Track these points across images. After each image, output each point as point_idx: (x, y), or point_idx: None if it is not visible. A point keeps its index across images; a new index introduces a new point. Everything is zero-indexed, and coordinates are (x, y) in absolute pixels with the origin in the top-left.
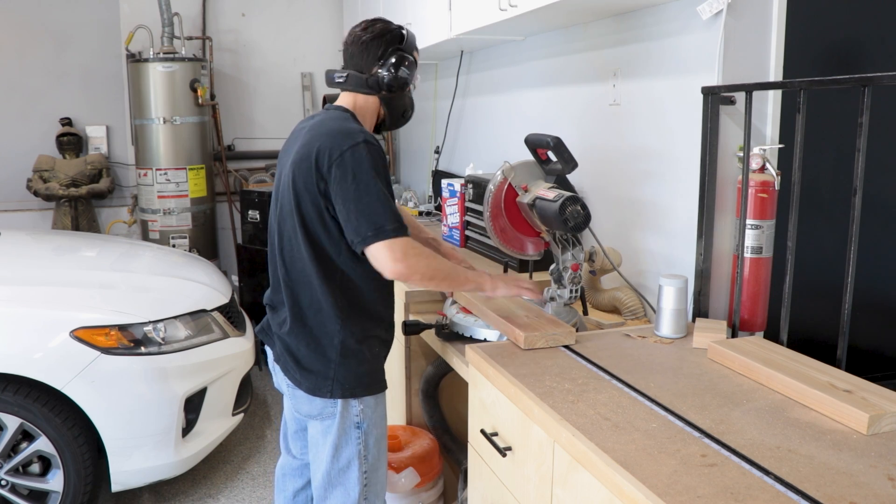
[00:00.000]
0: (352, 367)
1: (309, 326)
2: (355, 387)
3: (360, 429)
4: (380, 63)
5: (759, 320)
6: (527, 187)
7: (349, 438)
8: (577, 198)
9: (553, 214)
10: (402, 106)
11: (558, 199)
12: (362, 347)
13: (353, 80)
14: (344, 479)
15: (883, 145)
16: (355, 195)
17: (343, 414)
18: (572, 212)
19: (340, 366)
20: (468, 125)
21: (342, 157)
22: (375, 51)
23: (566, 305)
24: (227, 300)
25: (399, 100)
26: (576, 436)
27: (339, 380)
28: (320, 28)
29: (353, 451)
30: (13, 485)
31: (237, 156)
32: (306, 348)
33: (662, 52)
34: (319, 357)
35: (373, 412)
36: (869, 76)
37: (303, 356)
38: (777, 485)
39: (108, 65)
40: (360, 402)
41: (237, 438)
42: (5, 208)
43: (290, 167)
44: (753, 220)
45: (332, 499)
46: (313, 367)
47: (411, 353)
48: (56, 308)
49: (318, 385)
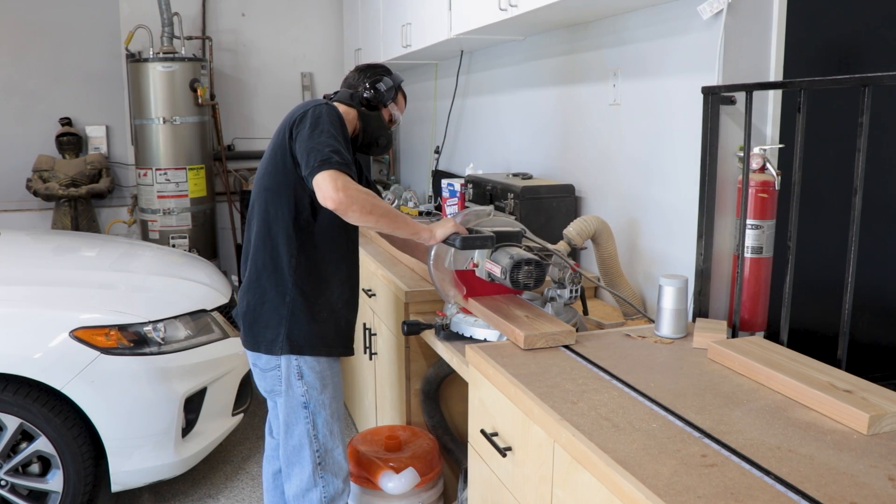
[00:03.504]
0: (302, 324)
1: (263, 285)
2: (303, 345)
3: (308, 409)
4: (368, 83)
5: (760, 320)
6: (475, 263)
7: (298, 418)
8: (519, 262)
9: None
10: (375, 129)
11: (504, 273)
12: (315, 307)
13: (342, 94)
14: (298, 457)
15: (883, 145)
16: (309, 135)
17: (288, 392)
18: (526, 274)
19: (290, 321)
20: (468, 125)
21: (305, 113)
22: (365, 75)
23: (566, 305)
24: (226, 300)
25: (374, 120)
26: (576, 436)
27: (288, 335)
28: (320, 28)
29: (302, 430)
30: (13, 485)
31: (237, 156)
32: (259, 306)
33: (662, 52)
34: (272, 312)
35: (319, 393)
36: (869, 76)
37: (257, 313)
38: (777, 485)
39: (107, 65)
40: (303, 383)
41: (237, 438)
42: (5, 208)
43: (272, 142)
44: (753, 220)
45: (293, 477)
46: (266, 322)
47: (411, 353)
48: (56, 308)
49: (269, 341)
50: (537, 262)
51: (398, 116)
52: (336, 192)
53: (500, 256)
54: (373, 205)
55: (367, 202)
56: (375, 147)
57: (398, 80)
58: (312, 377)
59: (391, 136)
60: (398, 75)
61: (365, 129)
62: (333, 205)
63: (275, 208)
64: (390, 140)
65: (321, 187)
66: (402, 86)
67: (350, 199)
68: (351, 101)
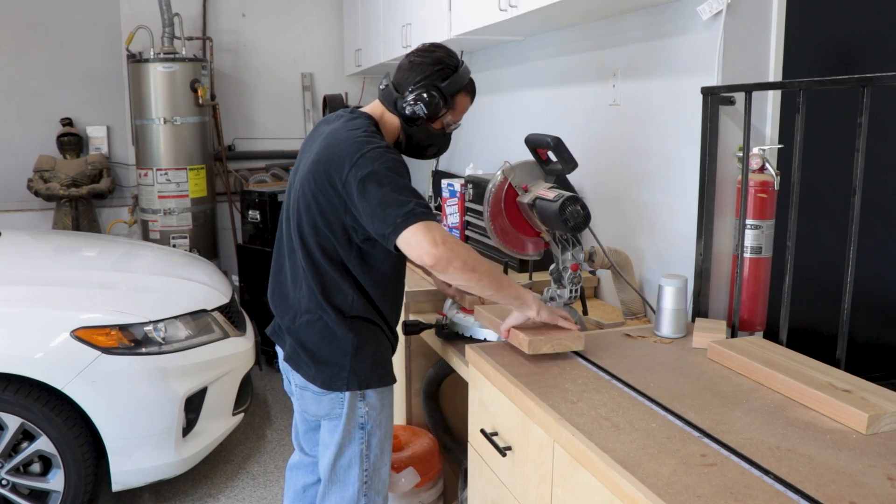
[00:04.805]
0: (366, 358)
1: (325, 320)
2: (371, 378)
3: (364, 429)
4: (412, 90)
5: (759, 320)
6: (527, 187)
7: (353, 438)
8: (577, 198)
9: (553, 214)
10: (421, 139)
11: (558, 199)
12: (373, 341)
13: (386, 95)
14: (345, 476)
15: (883, 145)
16: (377, 190)
17: (349, 415)
18: (572, 212)
19: (356, 357)
20: (468, 125)
21: (362, 158)
22: (416, 76)
23: (566, 305)
24: (227, 300)
25: (419, 132)
26: (576, 436)
27: (356, 371)
28: (320, 28)
29: (355, 450)
30: (14, 484)
31: (237, 156)
32: (321, 340)
33: (662, 52)
34: (336, 349)
35: (378, 413)
36: (868, 76)
37: (317, 348)
38: (776, 484)
39: (108, 65)
40: (365, 403)
41: (237, 438)
42: (6, 208)
43: (309, 167)
44: (753, 220)
45: (333, 494)
46: (329, 359)
47: (412, 353)
48: (57, 308)
49: (332, 377)
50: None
51: (450, 121)
52: (435, 248)
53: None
54: (477, 260)
55: (471, 257)
56: (419, 152)
57: (459, 82)
58: (374, 398)
59: (445, 143)
60: (461, 73)
61: (409, 139)
62: (432, 261)
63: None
64: (443, 147)
65: (413, 244)
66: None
67: (453, 254)
68: (394, 108)
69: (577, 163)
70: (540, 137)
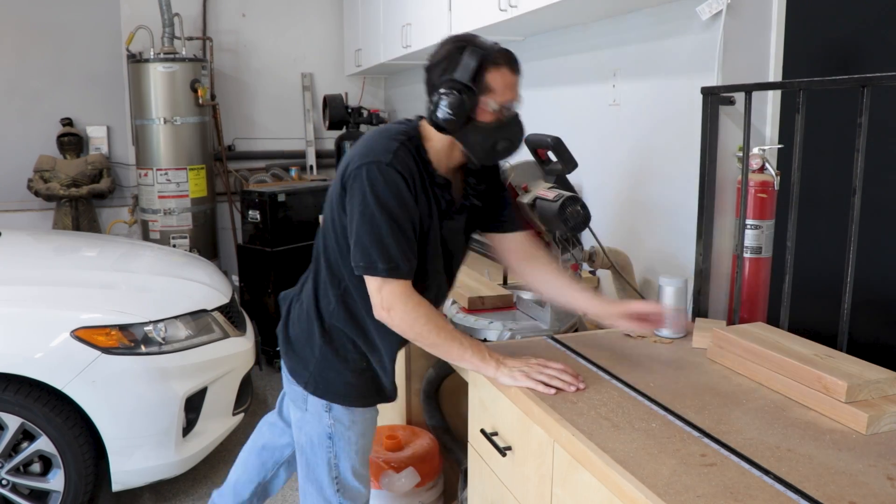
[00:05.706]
0: (330, 371)
1: (309, 315)
2: (331, 392)
3: (332, 440)
4: (433, 98)
5: (759, 320)
6: (527, 187)
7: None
8: (577, 198)
9: (553, 214)
10: (476, 141)
11: (558, 199)
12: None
13: (427, 114)
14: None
15: (883, 145)
16: (358, 219)
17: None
18: (572, 212)
19: (320, 364)
20: None
21: (358, 170)
22: (432, 82)
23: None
24: (227, 300)
25: (469, 135)
26: (575, 435)
27: (317, 376)
28: (320, 28)
29: (322, 457)
30: (14, 484)
31: (237, 156)
32: (300, 330)
33: (662, 52)
34: (306, 346)
35: (346, 430)
36: (868, 76)
37: (295, 335)
38: (776, 484)
39: (108, 65)
40: (330, 416)
41: (238, 438)
42: (6, 208)
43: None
44: (753, 220)
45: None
46: (298, 351)
47: (411, 353)
48: (57, 308)
49: (296, 369)
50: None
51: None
52: (380, 310)
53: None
54: (417, 333)
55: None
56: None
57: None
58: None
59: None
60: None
61: (467, 147)
62: (378, 318)
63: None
64: (513, 136)
65: (370, 292)
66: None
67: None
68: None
69: (577, 163)
70: (540, 137)
